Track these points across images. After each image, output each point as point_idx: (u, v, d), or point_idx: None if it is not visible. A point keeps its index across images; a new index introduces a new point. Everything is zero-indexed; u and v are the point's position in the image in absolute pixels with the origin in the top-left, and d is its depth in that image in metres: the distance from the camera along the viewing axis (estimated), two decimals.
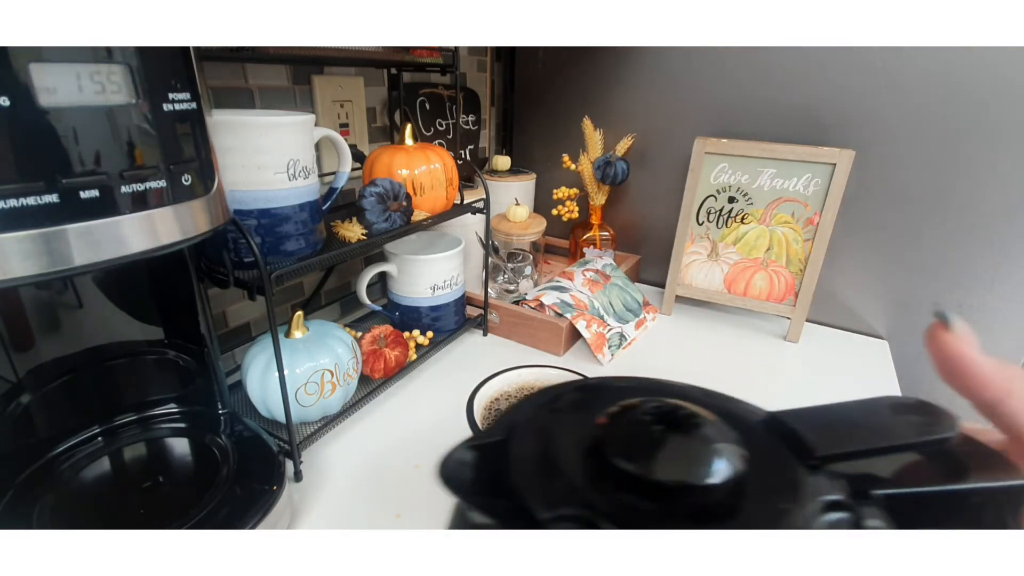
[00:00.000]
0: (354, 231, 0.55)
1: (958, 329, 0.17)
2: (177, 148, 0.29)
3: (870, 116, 0.73)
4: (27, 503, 0.37)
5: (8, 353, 0.38)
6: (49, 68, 0.23)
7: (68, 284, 0.40)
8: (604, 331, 0.73)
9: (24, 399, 0.39)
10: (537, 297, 0.75)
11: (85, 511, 0.38)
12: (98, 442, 0.43)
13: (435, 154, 0.63)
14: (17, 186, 0.23)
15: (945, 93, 0.68)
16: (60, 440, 0.42)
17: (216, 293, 0.62)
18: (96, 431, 0.44)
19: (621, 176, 0.86)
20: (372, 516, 0.46)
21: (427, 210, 0.63)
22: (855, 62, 0.71)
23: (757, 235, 0.79)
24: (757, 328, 0.84)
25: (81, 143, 0.25)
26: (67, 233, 0.24)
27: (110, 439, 0.44)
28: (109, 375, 0.44)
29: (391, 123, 0.80)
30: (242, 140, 0.43)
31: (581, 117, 0.89)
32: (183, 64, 0.29)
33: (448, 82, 0.87)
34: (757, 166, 0.76)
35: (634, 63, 0.88)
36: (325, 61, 0.64)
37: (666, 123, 0.88)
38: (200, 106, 0.30)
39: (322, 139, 0.51)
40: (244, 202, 0.45)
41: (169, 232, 0.29)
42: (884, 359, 0.77)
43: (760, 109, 0.80)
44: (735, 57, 0.79)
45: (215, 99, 0.58)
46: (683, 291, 0.85)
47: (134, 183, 0.27)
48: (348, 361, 0.54)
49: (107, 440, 0.44)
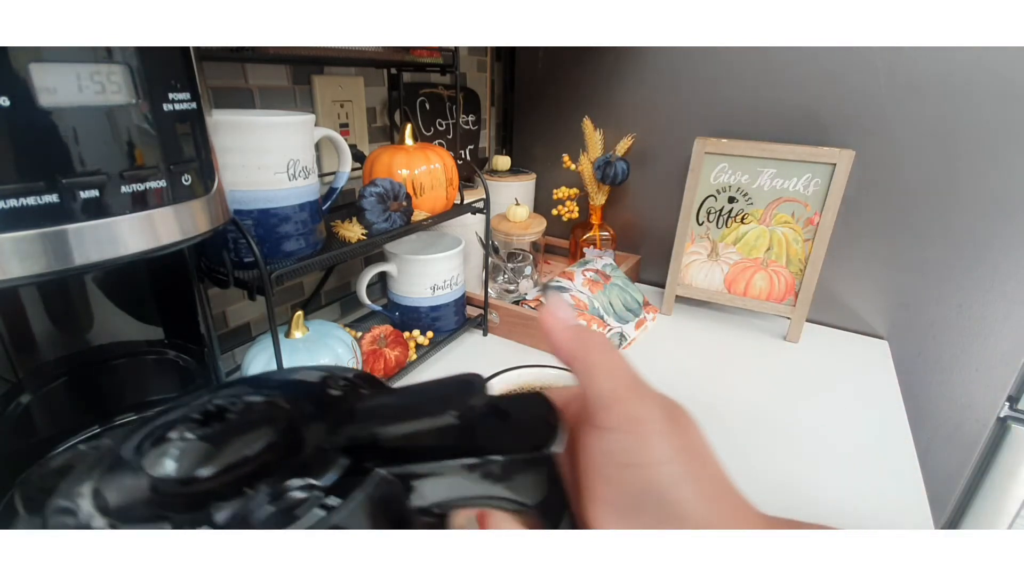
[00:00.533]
0: (354, 231, 0.55)
1: (548, 302, 0.21)
2: (177, 148, 0.29)
3: (870, 116, 0.73)
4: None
5: (8, 353, 0.38)
6: (49, 68, 0.23)
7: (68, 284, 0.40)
8: (604, 331, 0.73)
9: (24, 399, 0.39)
10: (537, 297, 0.75)
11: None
12: None
13: (435, 154, 0.63)
14: (17, 186, 0.23)
15: (945, 93, 0.68)
16: (60, 440, 0.42)
17: (216, 293, 0.62)
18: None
19: (621, 176, 0.86)
20: None
21: (427, 210, 0.63)
22: (855, 62, 0.71)
23: (757, 235, 0.79)
24: (757, 328, 0.84)
25: (81, 143, 0.25)
26: (67, 233, 0.24)
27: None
28: (109, 375, 0.44)
29: (391, 123, 0.80)
30: (242, 140, 0.43)
31: (581, 117, 0.89)
32: (183, 64, 0.29)
33: (448, 82, 0.87)
34: (757, 166, 0.76)
35: (634, 63, 0.88)
36: (325, 61, 0.64)
37: (666, 123, 0.88)
38: (200, 106, 0.30)
39: (322, 139, 0.51)
40: (244, 202, 0.45)
41: (169, 232, 0.29)
42: (884, 359, 0.77)
43: (760, 109, 0.79)
44: (735, 57, 0.79)
45: (215, 99, 0.58)
46: (683, 291, 0.85)
47: (134, 183, 0.27)
48: (348, 361, 0.54)
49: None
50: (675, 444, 0.18)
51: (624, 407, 0.18)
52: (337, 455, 0.17)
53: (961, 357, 0.77)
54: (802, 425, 0.61)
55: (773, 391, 0.68)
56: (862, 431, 0.61)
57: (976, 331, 0.75)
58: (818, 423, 0.62)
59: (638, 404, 0.18)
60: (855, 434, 0.60)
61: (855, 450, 0.57)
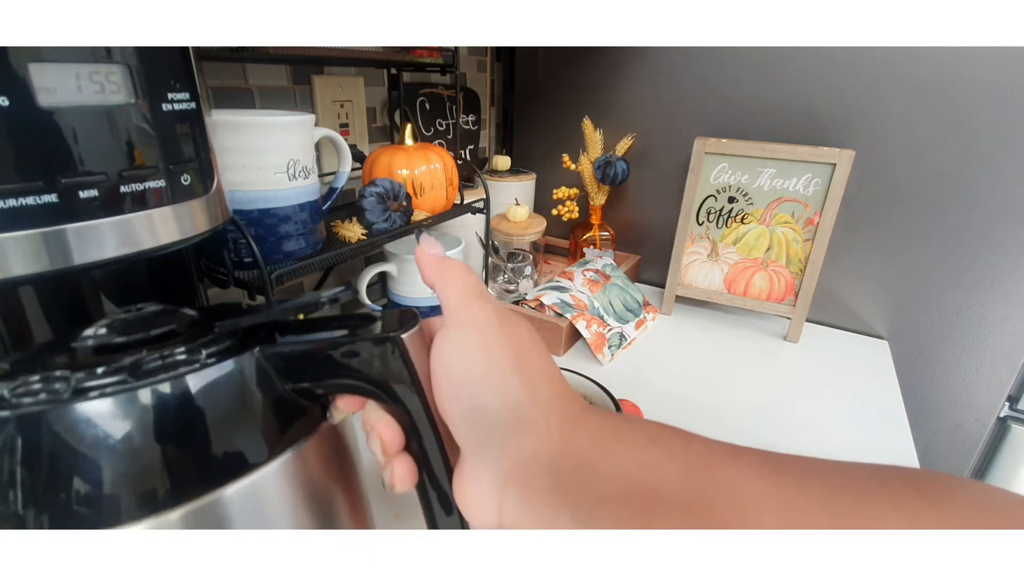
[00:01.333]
0: (354, 231, 0.55)
1: (420, 242, 0.25)
2: (176, 148, 0.29)
3: (870, 116, 0.73)
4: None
5: (8, 353, 0.38)
6: (49, 68, 0.23)
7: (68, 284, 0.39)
8: (604, 331, 0.73)
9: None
10: (537, 297, 0.75)
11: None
12: None
13: (435, 154, 0.63)
14: (17, 186, 0.23)
15: (945, 93, 0.68)
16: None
17: (216, 293, 0.62)
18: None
19: (621, 176, 0.86)
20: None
21: (427, 210, 0.63)
22: (855, 62, 0.71)
23: (757, 235, 0.79)
24: (757, 328, 0.83)
25: (80, 143, 0.25)
26: (66, 233, 0.24)
27: None
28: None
29: (391, 123, 0.80)
30: (242, 140, 0.43)
31: (581, 117, 0.89)
32: (183, 64, 0.29)
33: (448, 82, 0.87)
34: (757, 166, 0.76)
35: (634, 63, 0.88)
36: (325, 61, 0.64)
37: (666, 123, 0.88)
38: (200, 106, 0.30)
39: (322, 139, 0.51)
40: (244, 202, 0.45)
41: (168, 232, 0.29)
42: (884, 359, 0.77)
43: (760, 109, 0.79)
44: (735, 57, 0.79)
45: (215, 99, 0.58)
46: (683, 291, 0.85)
47: (133, 183, 0.27)
48: None
49: None
50: (502, 338, 0.21)
51: (467, 309, 0.22)
52: (228, 338, 0.22)
53: (961, 357, 0.77)
54: (802, 425, 0.61)
55: (773, 391, 0.68)
56: (862, 431, 0.61)
57: (976, 331, 0.75)
58: (818, 423, 0.62)
59: (478, 307, 0.22)
60: (855, 434, 0.60)
61: (855, 450, 0.57)
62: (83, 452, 0.18)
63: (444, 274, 0.23)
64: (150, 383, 0.19)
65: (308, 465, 0.24)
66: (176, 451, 0.20)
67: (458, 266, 0.24)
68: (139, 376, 0.19)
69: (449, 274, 0.23)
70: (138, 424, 0.19)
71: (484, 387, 0.20)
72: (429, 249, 0.24)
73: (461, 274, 0.23)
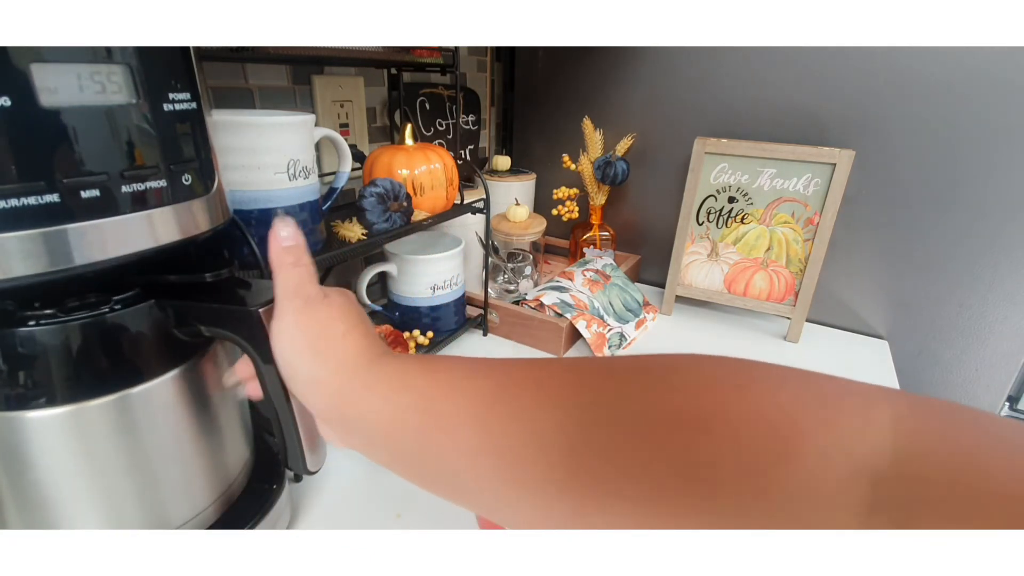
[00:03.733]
0: (354, 231, 0.55)
1: (274, 225, 0.28)
2: (177, 148, 0.29)
3: (870, 116, 0.73)
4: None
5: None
6: (50, 68, 0.23)
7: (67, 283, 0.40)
8: (604, 331, 0.73)
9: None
10: (537, 297, 0.75)
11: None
12: None
13: (435, 154, 0.63)
14: (17, 186, 0.23)
15: (945, 93, 0.68)
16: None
17: None
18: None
19: (621, 176, 0.86)
20: (372, 516, 0.46)
21: (427, 210, 0.63)
22: (855, 62, 0.71)
23: (757, 235, 0.79)
24: (757, 328, 0.84)
25: (81, 143, 0.25)
26: (67, 233, 0.24)
27: None
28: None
29: (391, 123, 0.80)
30: (242, 140, 0.43)
31: (581, 117, 0.89)
32: (183, 64, 0.29)
33: (448, 82, 0.87)
34: (757, 166, 0.76)
35: (634, 63, 0.88)
36: (325, 61, 0.64)
37: (666, 123, 0.88)
38: (200, 106, 0.30)
39: (322, 139, 0.51)
40: (244, 202, 0.45)
41: (169, 232, 0.29)
42: (884, 359, 0.77)
43: (760, 109, 0.80)
44: (735, 57, 0.79)
45: (215, 99, 0.58)
46: (683, 291, 0.85)
47: (134, 183, 0.27)
48: None
49: None
50: (302, 323, 0.27)
51: (286, 301, 0.27)
52: (146, 295, 0.31)
53: (961, 357, 0.77)
54: None
55: None
56: None
57: (976, 331, 0.75)
58: None
59: (288, 302, 0.27)
60: None
61: None
62: (32, 355, 0.27)
63: (278, 267, 0.28)
64: (73, 320, 0.28)
65: (191, 381, 0.33)
66: (95, 361, 0.29)
67: (288, 260, 0.28)
68: (67, 312, 0.28)
69: (280, 269, 0.28)
70: (67, 341, 0.28)
71: (292, 359, 0.27)
72: (280, 231, 0.28)
73: (287, 269, 0.27)
